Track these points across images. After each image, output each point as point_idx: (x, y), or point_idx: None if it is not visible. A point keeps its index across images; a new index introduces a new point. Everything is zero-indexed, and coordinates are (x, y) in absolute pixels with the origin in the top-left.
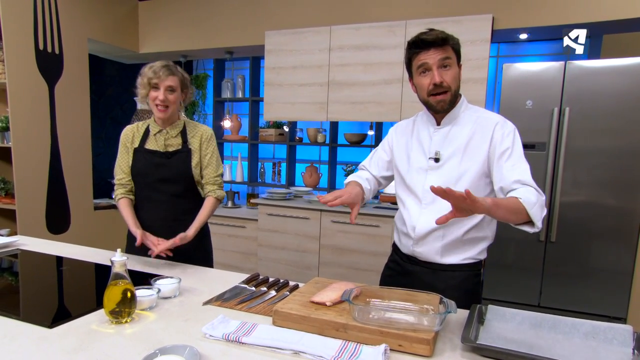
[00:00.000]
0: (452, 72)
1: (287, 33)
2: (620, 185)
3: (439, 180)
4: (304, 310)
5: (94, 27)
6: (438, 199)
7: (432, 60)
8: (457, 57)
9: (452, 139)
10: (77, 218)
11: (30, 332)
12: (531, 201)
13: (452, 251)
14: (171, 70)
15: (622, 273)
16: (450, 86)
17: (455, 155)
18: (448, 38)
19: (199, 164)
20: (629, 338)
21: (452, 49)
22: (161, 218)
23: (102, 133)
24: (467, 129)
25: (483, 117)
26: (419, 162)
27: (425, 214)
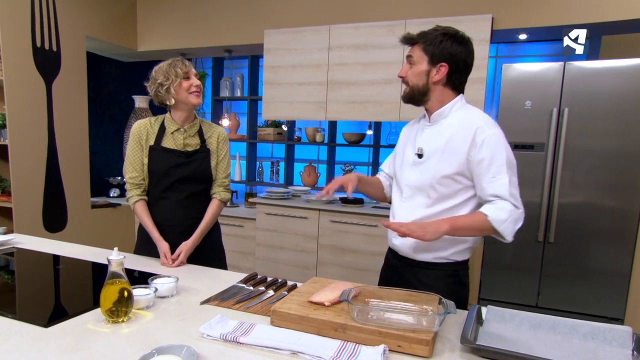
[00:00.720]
0: (414, 69)
1: (287, 32)
2: (618, 187)
3: (417, 177)
4: (302, 310)
5: (92, 25)
6: (416, 194)
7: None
8: (431, 57)
9: (436, 137)
10: (74, 216)
11: (26, 332)
12: (500, 219)
13: (425, 248)
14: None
15: (619, 274)
16: (408, 81)
17: (435, 153)
18: (415, 39)
19: (216, 165)
20: (628, 339)
21: (421, 49)
22: (179, 216)
23: (99, 131)
24: (451, 128)
25: (467, 119)
26: (408, 157)
27: (403, 207)
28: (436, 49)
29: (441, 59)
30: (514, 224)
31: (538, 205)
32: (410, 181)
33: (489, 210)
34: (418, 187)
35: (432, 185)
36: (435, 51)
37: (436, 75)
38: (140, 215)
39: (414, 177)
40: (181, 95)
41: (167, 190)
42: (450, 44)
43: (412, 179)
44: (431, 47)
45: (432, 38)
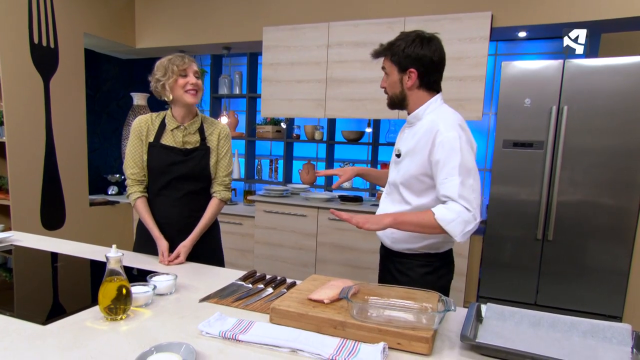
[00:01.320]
0: (388, 79)
1: (285, 29)
2: (617, 185)
3: (394, 175)
4: (301, 307)
5: (90, 21)
6: (393, 191)
7: None
8: (399, 65)
9: (410, 139)
10: (72, 214)
11: (24, 329)
12: (446, 218)
13: (399, 240)
14: (191, 58)
15: (618, 272)
16: (388, 90)
17: (407, 154)
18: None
19: (216, 163)
20: (627, 337)
21: (389, 60)
22: (176, 214)
23: (97, 129)
24: (422, 131)
25: (433, 122)
26: (394, 156)
27: (384, 202)
28: (402, 58)
29: (409, 65)
30: (463, 225)
31: (537, 203)
32: (390, 178)
33: (438, 209)
34: (394, 185)
35: (403, 183)
36: (401, 60)
37: (409, 81)
38: (141, 212)
39: (393, 175)
40: (176, 92)
41: (165, 188)
42: (413, 48)
43: (392, 176)
44: (396, 56)
45: (395, 48)
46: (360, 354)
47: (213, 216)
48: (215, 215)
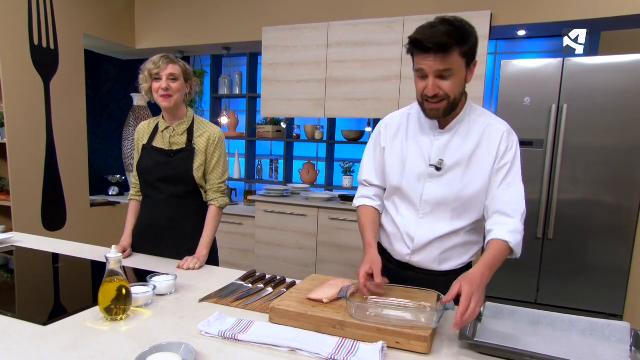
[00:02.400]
0: (453, 81)
1: (285, 29)
2: (617, 183)
3: (439, 191)
4: (300, 307)
5: (90, 22)
6: (437, 209)
7: (428, 69)
8: (469, 59)
9: (457, 147)
10: (73, 215)
11: (24, 330)
12: (518, 241)
13: (449, 258)
14: (171, 59)
15: (618, 270)
16: (449, 95)
17: (459, 165)
18: (452, 44)
19: (202, 166)
20: (626, 335)
21: (459, 54)
22: (158, 217)
23: (98, 129)
24: (474, 136)
25: (490, 126)
26: (417, 168)
27: (423, 224)
28: (471, 48)
29: (474, 56)
30: (521, 242)
31: (537, 202)
32: (430, 196)
33: (508, 236)
34: (441, 202)
35: (459, 198)
36: (471, 51)
37: (470, 76)
38: (128, 212)
39: (434, 192)
40: (154, 96)
41: (150, 189)
42: (475, 35)
43: (433, 193)
44: (467, 47)
45: (467, 36)
46: (359, 353)
47: (216, 226)
48: (217, 224)
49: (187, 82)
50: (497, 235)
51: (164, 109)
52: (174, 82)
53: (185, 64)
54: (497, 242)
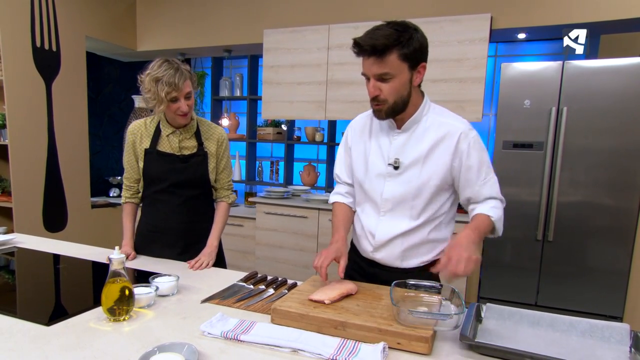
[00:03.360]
0: (392, 85)
1: (286, 31)
2: (617, 185)
3: (398, 189)
4: (302, 308)
5: (92, 25)
6: (397, 207)
7: (367, 71)
8: (411, 62)
9: (414, 146)
10: (74, 216)
11: (28, 330)
12: (499, 216)
13: (412, 255)
14: (183, 74)
15: (618, 272)
16: (387, 99)
17: (416, 163)
18: (389, 46)
19: (215, 168)
20: (626, 337)
21: (398, 57)
22: (176, 221)
23: (99, 131)
24: (430, 136)
25: (448, 125)
26: (378, 167)
27: (383, 221)
28: (416, 50)
29: (420, 59)
30: (502, 218)
31: (537, 204)
32: (389, 194)
33: (490, 211)
34: (400, 200)
35: (417, 195)
36: (415, 52)
37: (417, 79)
38: (124, 216)
39: (393, 190)
40: (168, 113)
41: (163, 194)
42: (420, 37)
43: (392, 191)
44: (409, 49)
45: (407, 39)
46: (360, 353)
47: (225, 221)
48: (226, 219)
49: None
50: (478, 211)
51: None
52: (189, 99)
53: (188, 68)
54: (479, 215)
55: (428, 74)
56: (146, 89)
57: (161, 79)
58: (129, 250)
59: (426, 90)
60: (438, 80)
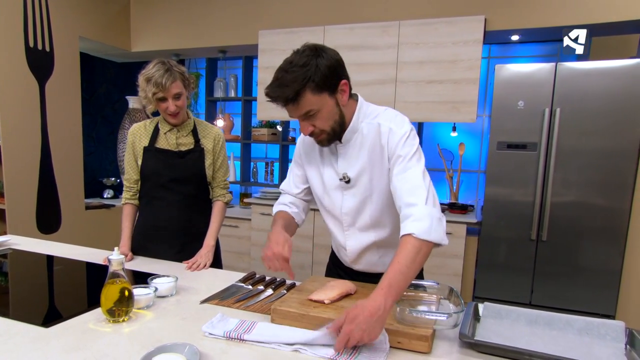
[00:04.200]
0: (320, 117)
1: (281, 32)
2: (609, 185)
3: (354, 201)
4: (302, 308)
5: (85, 25)
6: (357, 219)
7: (293, 116)
8: (329, 88)
9: (356, 156)
10: (68, 218)
11: (26, 331)
12: (424, 229)
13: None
14: (172, 75)
15: (611, 272)
16: (323, 129)
17: (363, 173)
18: (298, 90)
19: (211, 165)
20: (621, 334)
21: (312, 93)
22: (174, 218)
23: (93, 132)
24: (368, 141)
25: (379, 125)
26: (333, 181)
27: (350, 235)
28: (327, 77)
29: (337, 80)
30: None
31: (531, 204)
32: (347, 208)
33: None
34: (358, 211)
35: (375, 202)
36: (326, 81)
37: (343, 98)
38: (123, 217)
39: (350, 202)
40: (159, 111)
41: (161, 191)
42: (326, 59)
43: (349, 204)
44: (316, 81)
45: (310, 72)
46: (362, 353)
47: (221, 219)
48: (222, 218)
49: (187, 89)
50: (402, 231)
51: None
52: (178, 100)
53: (182, 69)
54: (403, 240)
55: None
56: (140, 89)
57: (150, 79)
58: (126, 251)
59: (421, 91)
60: (433, 81)
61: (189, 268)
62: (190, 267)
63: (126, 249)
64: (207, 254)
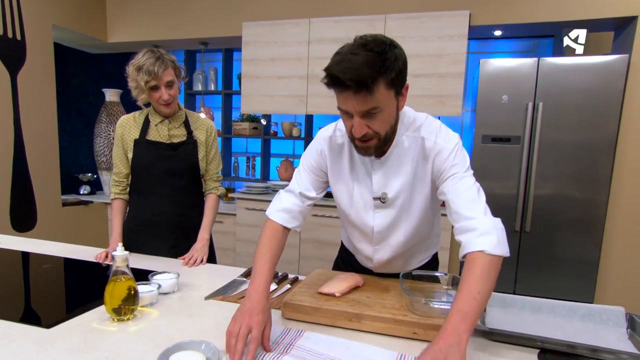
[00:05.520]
0: (382, 118)
1: (265, 24)
2: (587, 178)
3: (388, 220)
4: (314, 301)
5: (59, 13)
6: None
7: (352, 109)
8: (397, 87)
9: (396, 173)
10: (44, 215)
11: (28, 333)
12: (494, 243)
13: (412, 261)
14: (164, 62)
15: (589, 262)
16: (378, 132)
17: (402, 191)
18: (375, 76)
19: (205, 158)
20: (621, 318)
21: (385, 86)
22: (167, 212)
23: (67, 126)
24: (409, 157)
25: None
26: (364, 199)
27: (379, 250)
28: (399, 74)
29: (404, 80)
30: (503, 235)
31: (515, 196)
32: (381, 227)
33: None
34: (390, 227)
35: (411, 218)
36: (399, 77)
37: (402, 103)
38: (113, 213)
39: (384, 220)
40: (152, 103)
41: (154, 185)
42: (400, 52)
43: (382, 223)
44: (393, 73)
45: (392, 62)
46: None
47: (214, 213)
48: (216, 211)
49: (178, 78)
50: (469, 248)
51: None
52: (171, 89)
53: (173, 58)
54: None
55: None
56: (130, 78)
57: (142, 68)
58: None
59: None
60: (419, 75)
61: (186, 264)
62: (187, 263)
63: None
64: (202, 248)
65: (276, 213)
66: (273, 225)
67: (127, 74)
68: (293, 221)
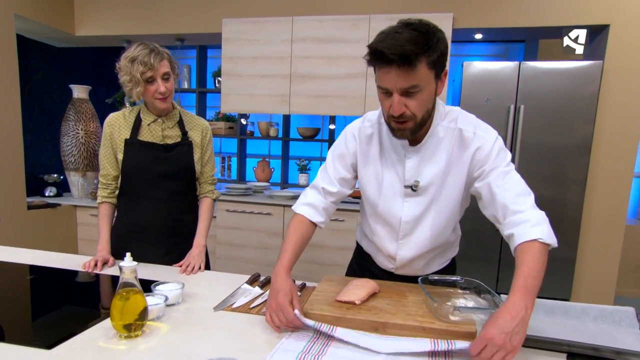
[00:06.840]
0: (421, 98)
1: (247, 22)
2: (565, 179)
3: (418, 209)
4: (336, 311)
5: (22, 2)
6: (417, 228)
7: (393, 86)
8: (438, 69)
9: (430, 162)
10: (7, 218)
11: (26, 356)
12: (547, 232)
13: (433, 263)
14: (160, 54)
15: (566, 260)
16: (415, 114)
17: (435, 180)
18: (419, 53)
19: (200, 160)
20: (633, 319)
21: (427, 65)
22: (162, 217)
23: (29, 124)
24: (444, 146)
25: (461, 131)
26: (394, 187)
27: (403, 245)
28: (440, 56)
29: (445, 65)
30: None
31: None
32: (409, 217)
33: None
34: (418, 219)
35: (438, 212)
36: (440, 59)
37: (440, 88)
38: (100, 217)
39: (413, 211)
40: (146, 97)
41: (147, 188)
42: (444, 37)
43: (411, 213)
44: (435, 54)
45: (435, 43)
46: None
47: (210, 217)
48: (211, 215)
49: (173, 72)
50: (524, 237)
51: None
52: (168, 82)
53: (167, 51)
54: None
55: None
56: (123, 72)
57: (136, 59)
58: (107, 255)
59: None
60: None
61: (183, 271)
62: (184, 270)
63: (106, 252)
64: (199, 255)
65: (301, 207)
66: (299, 217)
67: (119, 69)
68: (318, 216)
